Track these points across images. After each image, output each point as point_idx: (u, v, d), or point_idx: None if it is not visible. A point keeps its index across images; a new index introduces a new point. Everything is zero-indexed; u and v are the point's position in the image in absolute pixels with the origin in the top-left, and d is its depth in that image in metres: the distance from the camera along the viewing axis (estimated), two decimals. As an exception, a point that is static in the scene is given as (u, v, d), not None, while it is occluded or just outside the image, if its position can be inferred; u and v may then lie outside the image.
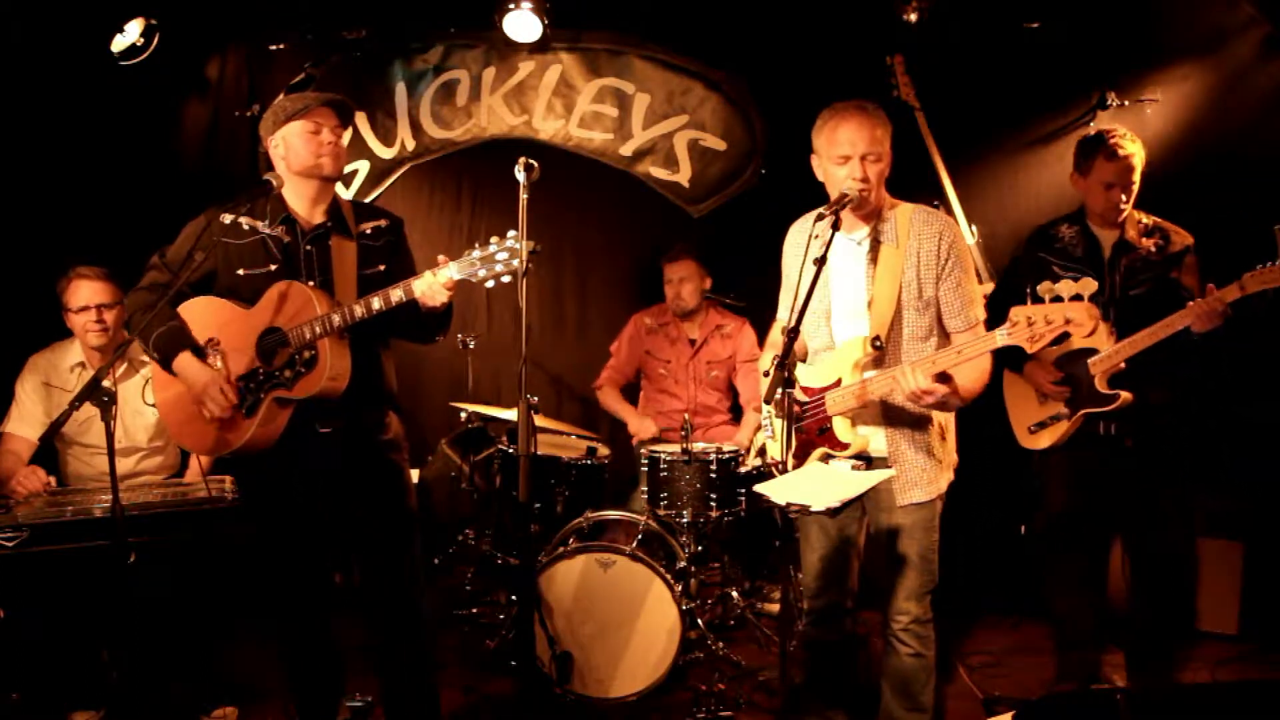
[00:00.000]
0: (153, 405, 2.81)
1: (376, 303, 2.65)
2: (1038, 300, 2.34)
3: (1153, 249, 3.20)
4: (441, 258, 2.67)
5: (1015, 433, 3.35)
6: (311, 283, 2.75)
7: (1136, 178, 3.17)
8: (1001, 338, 2.42)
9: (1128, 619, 3.41)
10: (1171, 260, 3.19)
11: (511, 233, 2.58)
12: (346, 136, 2.88)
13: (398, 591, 2.89)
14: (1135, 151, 3.16)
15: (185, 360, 2.74)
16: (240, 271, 2.77)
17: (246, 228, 2.78)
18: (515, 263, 2.58)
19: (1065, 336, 2.34)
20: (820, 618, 2.88)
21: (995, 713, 3.31)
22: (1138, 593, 3.33)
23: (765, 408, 2.93)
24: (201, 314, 2.80)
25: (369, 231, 2.87)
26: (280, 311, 2.72)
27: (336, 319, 2.66)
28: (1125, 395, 3.06)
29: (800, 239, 2.81)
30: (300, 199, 2.81)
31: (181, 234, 2.83)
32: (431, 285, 2.63)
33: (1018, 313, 2.36)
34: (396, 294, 2.65)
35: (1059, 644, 3.47)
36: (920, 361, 2.55)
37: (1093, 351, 3.09)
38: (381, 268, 2.86)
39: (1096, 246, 3.23)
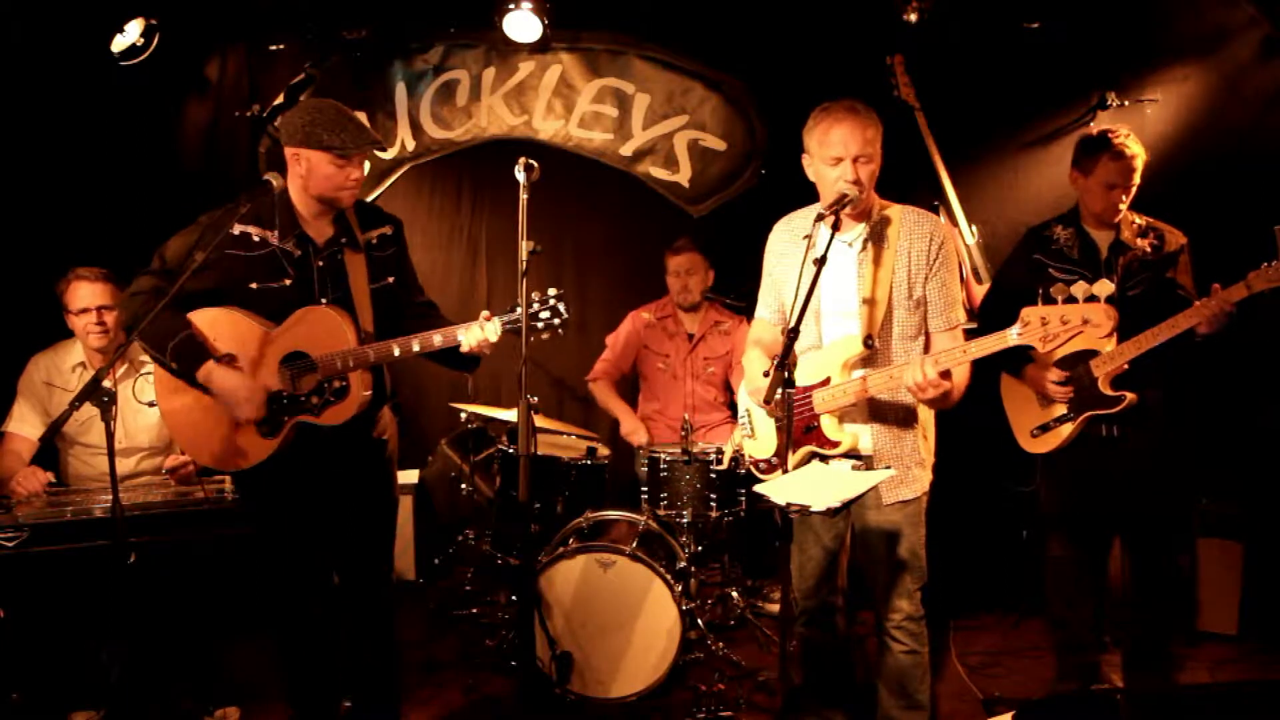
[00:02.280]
0: (149, 404, 2.79)
1: (415, 345, 2.69)
2: (1050, 301, 2.33)
3: (1148, 249, 3.19)
4: (485, 314, 2.70)
5: (1017, 437, 3.33)
6: (324, 300, 2.75)
7: (1137, 179, 3.17)
8: (1013, 337, 2.41)
9: (1128, 619, 3.41)
10: (1167, 260, 3.19)
11: (552, 291, 2.61)
12: (367, 165, 2.87)
13: (374, 580, 2.95)
14: (1139, 153, 3.16)
15: (212, 369, 2.67)
16: (253, 285, 2.73)
17: (257, 239, 2.72)
18: (556, 321, 2.62)
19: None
20: (814, 618, 2.90)
21: (995, 713, 3.31)
22: (1138, 593, 3.32)
23: (743, 407, 2.94)
24: (216, 326, 2.74)
25: (375, 241, 2.86)
26: (305, 336, 2.70)
27: (372, 355, 2.67)
28: (1130, 396, 3.06)
29: (786, 237, 2.81)
30: (309, 211, 2.77)
31: (177, 238, 2.74)
32: (483, 340, 2.68)
33: (1030, 313, 2.35)
34: (436, 339, 2.69)
35: (1058, 645, 3.47)
36: (925, 358, 2.55)
37: (1094, 353, 3.09)
38: (389, 280, 2.87)
39: (1093, 248, 3.23)
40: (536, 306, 2.61)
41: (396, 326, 2.77)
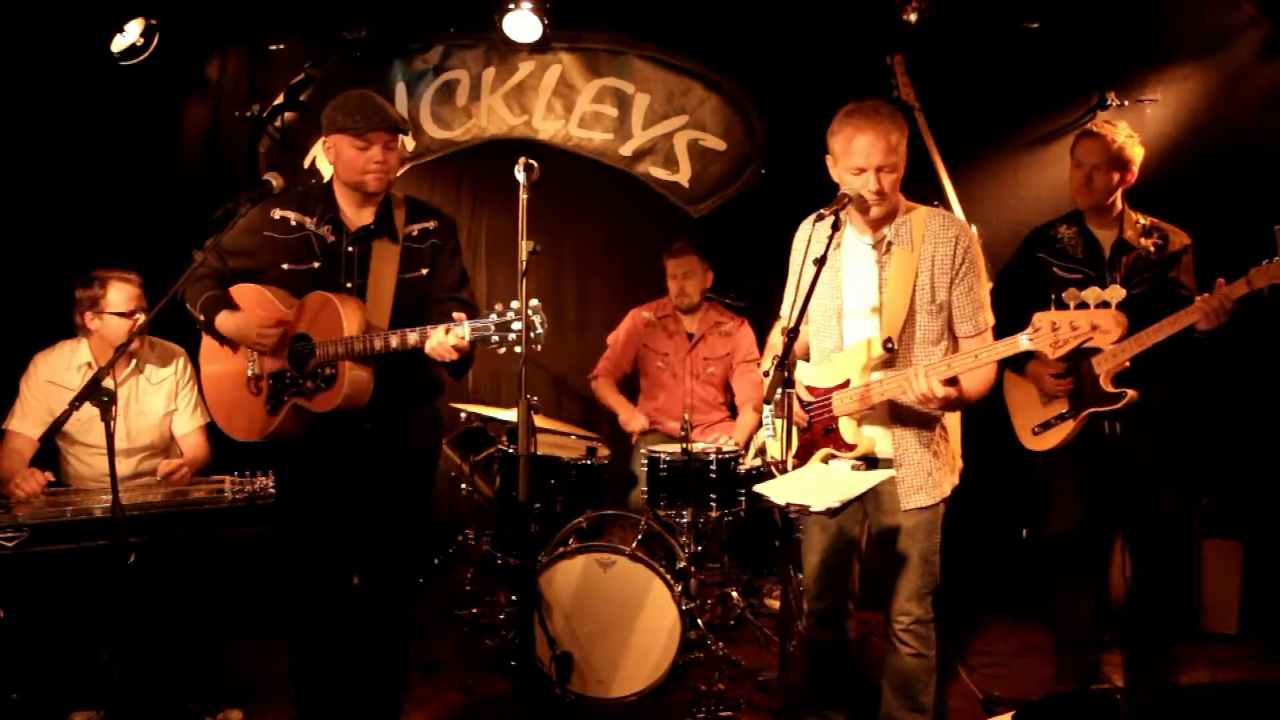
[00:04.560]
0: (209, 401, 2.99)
1: (394, 341, 2.67)
2: (1062, 306, 2.33)
3: (1151, 249, 3.20)
4: (457, 315, 2.63)
5: (1018, 434, 3.34)
6: (350, 284, 2.80)
7: (1110, 163, 3.14)
8: (1024, 342, 2.41)
9: (1128, 619, 3.40)
10: (1170, 260, 3.19)
11: (534, 302, 2.55)
12: (409, 144, 2.89)
13: (384, 581, 2.95)
14: (1116, 138, 3.13)
15: (226, 315, 2.83)
16: (285, 266, 2.84)
17: (294, 223, 2.83)
18: (531, 335, 2.56)
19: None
20: (822, 619, 2.88)
21: (995, 713, 3.31)
22: (1138, 593, 3.32)
23: (768, 407, 2.92)
24: (248, 301, 2.88)
25: (415, 234, 2.89)
26: (313, 320, 2.76)
27: (358, 347, 2.68)
28: (1131, 394, 3.05)
29: (818, 235, 2.78)
30: (349, 200, 2.84)
31: (239, 224, 2.84)
32: (441, 343, 2.61)
33: (1041, 318, 2.36)
34: (413, 337, 2.67)
35: (1058, 645, 3.47)
36: (934, 365, 2.53)
37: (1095, 350, 3.09)
38: (423, 271, 2.88)
39: (1096, 246, 3.23)
40: (511, 316, 2.55)
41: (419, 322, 2.73)
